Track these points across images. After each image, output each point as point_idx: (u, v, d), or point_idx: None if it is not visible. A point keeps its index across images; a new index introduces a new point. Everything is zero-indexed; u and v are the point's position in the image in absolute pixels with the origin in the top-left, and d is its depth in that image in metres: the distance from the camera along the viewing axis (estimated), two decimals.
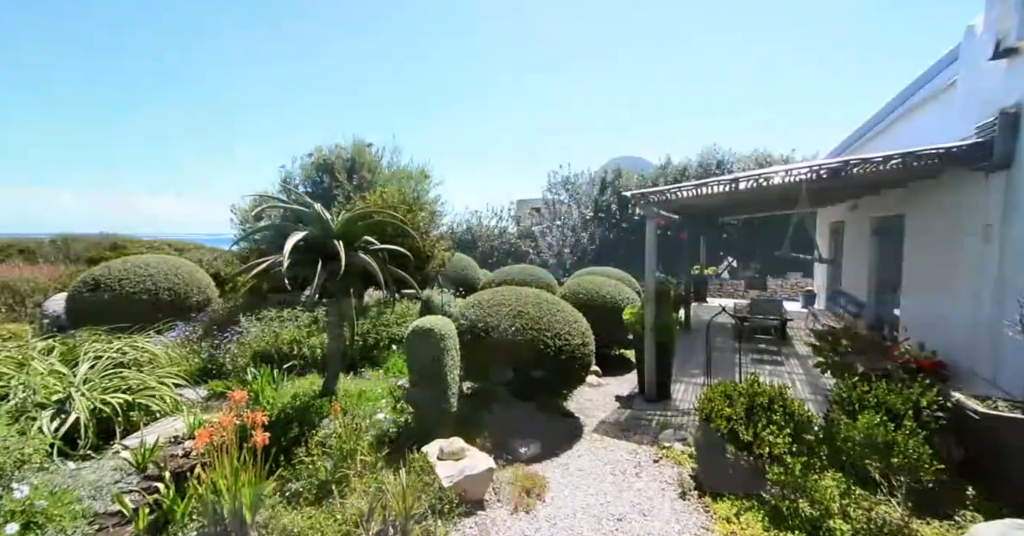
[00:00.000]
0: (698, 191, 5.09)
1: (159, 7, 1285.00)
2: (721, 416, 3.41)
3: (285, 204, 4.72)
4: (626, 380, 6.27)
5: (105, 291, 7.05)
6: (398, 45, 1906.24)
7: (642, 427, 4.64)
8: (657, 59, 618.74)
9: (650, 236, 5.39)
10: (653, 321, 5.23)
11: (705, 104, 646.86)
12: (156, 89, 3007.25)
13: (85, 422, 3.62)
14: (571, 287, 7.20)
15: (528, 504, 3.24)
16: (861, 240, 8.42)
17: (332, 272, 3.85)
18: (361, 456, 3.38)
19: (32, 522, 2.63)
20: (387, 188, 8.02)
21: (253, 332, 5.82)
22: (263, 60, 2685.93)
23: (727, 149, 14.54)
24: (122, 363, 4.61)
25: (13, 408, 3.49)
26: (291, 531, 2.74)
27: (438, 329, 3.83)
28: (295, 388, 4.41)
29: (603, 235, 14.04)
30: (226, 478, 2.66)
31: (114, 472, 3.33)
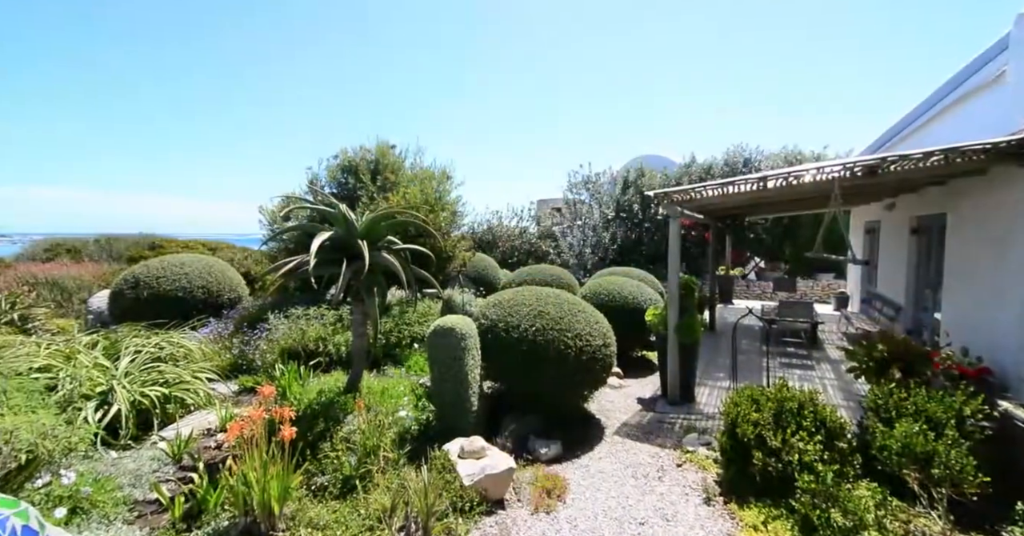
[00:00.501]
0: (724, 190, 4.97)
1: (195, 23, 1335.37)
2: (748, 421, 3.32)
3: (311, 205, 4.85)
4: (648, 382, 6.17)
5: (144, 289, 7.39)
6: (417, 45, 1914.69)
7: (665, 430, 4.56)
8: (683, 55, 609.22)
9: (673, 236, 5.30)
10: (676, 322, 5.14)
11: (732, 102, 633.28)
12: (185, 96, 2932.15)
13: (126, 413, 3.80)
14: (592, 287, 7.14)
15: (548, 505, 3.23)
16: (899, 240, 8.05)
17: (356, 271, 3.93)
18: (384, 452, 3.44)
19: (78, 507, 2.78)
20: (410, 189, 8.12)
21: (281, 329, 6.00)
22: (292, 61, 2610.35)
23: (754, 147, 14.12)
24: (159, 357, 4.83)
25: (61, 398, 3.69)
26: (317, 524, 2.81)
27: (459, 328, 3.86)
28: (320, 384, 4.52)
29: (625, 235, 13.85)
30: (256, 470, 2.75)
31: (152, 462, 3.50)
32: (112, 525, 2.77)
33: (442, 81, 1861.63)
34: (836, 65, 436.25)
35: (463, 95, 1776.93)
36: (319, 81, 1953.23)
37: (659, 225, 13.79)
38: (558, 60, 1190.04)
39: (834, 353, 7.23)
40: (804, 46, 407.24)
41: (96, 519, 2.80)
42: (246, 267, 10.86)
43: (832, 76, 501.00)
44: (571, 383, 4.23)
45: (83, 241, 14.92)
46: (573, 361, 4.21)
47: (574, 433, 4.44)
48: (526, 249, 15.52)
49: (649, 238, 13.91)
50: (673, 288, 5.18)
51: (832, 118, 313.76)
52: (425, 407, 4.23)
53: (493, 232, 15.64)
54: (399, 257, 4.38)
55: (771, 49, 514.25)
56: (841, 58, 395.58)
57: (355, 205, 8.14)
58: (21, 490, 2.76)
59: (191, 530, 2.85)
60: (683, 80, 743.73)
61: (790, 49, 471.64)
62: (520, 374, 4.20)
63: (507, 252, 15.36)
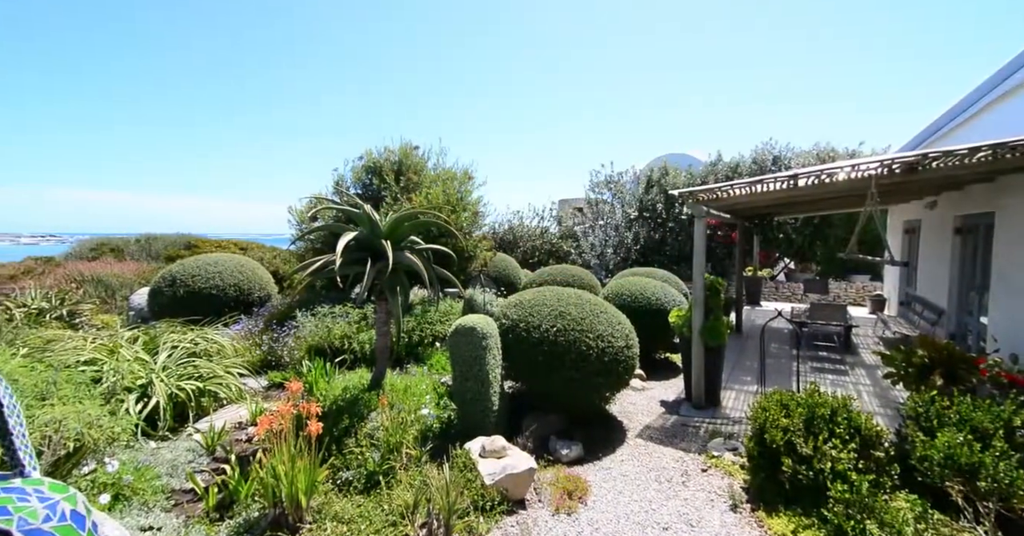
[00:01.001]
0: (752, 189, 4.84)
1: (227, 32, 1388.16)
2: (777, 426, 3.22)
3: (337, 206, 4.96)
4: (672, 385, 6.06)
5: (180, 286, 7.72)
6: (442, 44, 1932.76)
7: (689, 434, 4.47)
8: (710, 49, 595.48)
9: (699, 236, 5.18)
10: (701, 324, 5.02)
11: (760, 98, 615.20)
12: (216, 98, 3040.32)
13: (164, 406, 3.98)
14: (614, 288, 7.06)
15: (570, 506, 3.21)
16: (941, 240, 7.65)
17: (380, 271, 4.00)
18: (406, 449, 3.49)
19: (120, 494, 2.92)
20: (432, 189, 8.22)
21: (308, 327, 6.16)
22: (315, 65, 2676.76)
23: (784, 144, 13.65)
24: (194, 353, 5.03)
25: (105, 390, 3.89)
26: (343, 518, 2.88)
27: (480, 328, 3.88)
28: (345, 381, 4.62)
29: (648, 235, 13.62)
30: (284, 464, 2.83)
31: (188, 453, 3.65)
32: (151, 512, 2.91)
33: (464, 82, 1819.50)
34: (867, 62, 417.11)
35: (485, 95, 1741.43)
36: (345, 82, 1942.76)
37: (683, 225, 13.51)
38: (581, 60, 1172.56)
39: (870, 358, 6.94)
40: (835, 42, 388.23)
41: (137, 506, 2.94)
42: (275, 266, 11.21)
43: (865, 73, 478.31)
44: (592, 384, 4.19)
45: (125, 240, 15.71)
46: (595, 362, 4.17)
47: (595, 435, 4.40)
48: (547, 249, 15.46)
49: (673, 238, 13.64)
50: (698, 289, 5.07)
51: (867, 117, 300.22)
52: (447, 405, 4.27)
53: (514, 232, 15.64)
54: (421, 257, 4.43)
55: (801, 46, 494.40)
56: (872, 55, 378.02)
57: (379, 206, 8.29)
58: (69, 476, 2.92)
59: (224, 520, 2.95)
60: (709, 78, 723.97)
61: (820, 45, 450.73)
62: (541, 374, 4.19)
63: (528, 252, 15.33)
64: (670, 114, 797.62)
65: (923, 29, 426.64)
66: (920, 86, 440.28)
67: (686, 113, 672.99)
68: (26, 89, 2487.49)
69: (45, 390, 3.36)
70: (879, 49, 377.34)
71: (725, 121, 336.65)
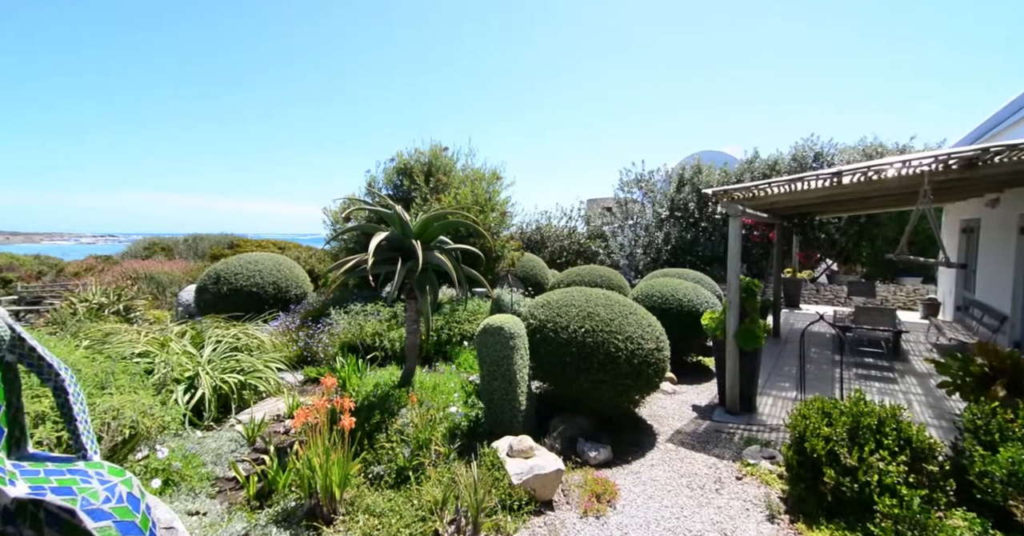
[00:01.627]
0: (791, 187, 4.64)
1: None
2: (818, 435, 3.07)
3: (370, 206, 5.09)
4: (704, 389, 5.89)
5: (224, 284, 8.12)
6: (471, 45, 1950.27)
7: (723, 440, 4.33)
8: (748, 43, 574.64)
9: (733, 236, 5.01)
10: (736, 327, 4.86)
11: (800, 94, 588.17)
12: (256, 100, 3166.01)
13: (209, 397, 4.19)
14: (644, 289, 6.92)
15: (598, 510, 3.17)
16: (1004, 241, 7.09)
17: (410, 270, 4.07)
18: (435, 446, 3.55)
19: (170, 480, 3.10)
20: (461, 190, 8.30)
21: (341, 324, 6.35)
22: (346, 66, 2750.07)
23: (827, 140, 12.99)
24: (236, 347, 5.28)
25: (157, 381, 4.14)
26: (374, 511, 2.95)
27: (508, 328, 3.89)
28: (376, 378, 4.73)
29: (679, 235, 13.28)
30: (319, 456, 2.93)
31: (230, 443, 3.83)
32: (197, 498, 3.07)
33: (494, 82, 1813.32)
34: (920, 53, 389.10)
35: (514, 95, 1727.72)
36: (377, 84, 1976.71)
37: (717, 224, 13.10)
38: (612, 59, 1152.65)
39: (921, 366, 6.52)
40: (886, 32, 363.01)
41: (184, 491, 3.11)
42: (311, 265, 11.63)
43: (917, 65, 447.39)
44: (621, 387, 4.13)
45: (175, 240, 16.70)
46: (624, 364, 4.10)
47: (624, 438, 4.33)
48: (575, 249, 15.34)
49: (706, 238, 13.24)
50: (733, 291, 4.90)
51: (919, 111, 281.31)
52: (475, 404, 4.31)
53: (542, 232, 15.60)
54: (450, 257, 4.48)
55: (847, 39, 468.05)
56: (925, 47, 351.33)
57: (410, 206, 8.45)
58: (125, 461, 3.13)
59: (263, 508, 3.09)
60: (746, 73, 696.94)
61: (868, 38, 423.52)
62: (568, 376, 4.16)
63: (556, 252, 15.26)
64: (704, 112, 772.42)
65: (982, 18, 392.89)
66: (978, 79, 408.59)
67: (721, 110, 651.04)
68: (82, 92, 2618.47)
69: (104, 380, 3.61)
70: (932, 41, 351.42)
71: (762, 118, 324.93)
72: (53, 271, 13.50)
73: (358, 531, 2.79)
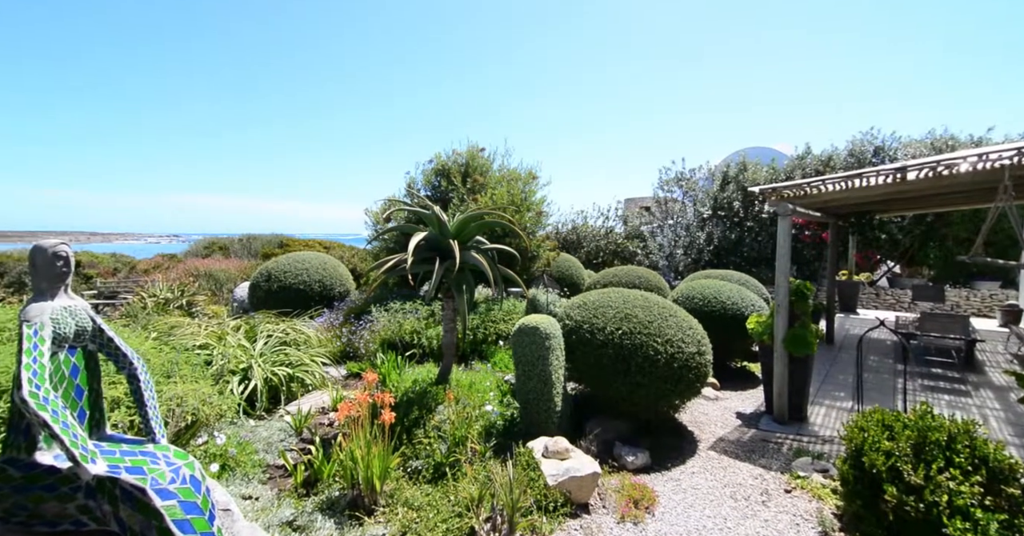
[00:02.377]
0: (849, 184, 4.35)
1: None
2: (878, 450, 2.86)
3: (409, 207, 5.23)
4: (749, 396, 5.63)
5: (274, 282, 8.58)
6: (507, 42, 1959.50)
7: (770, 451, 4.12)
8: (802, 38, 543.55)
9: (783, 236, 4.76)
10: (785, 332, 4.61)
11: (856, 88, 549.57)
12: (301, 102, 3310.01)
13: (260, 388, 4.44)
14: (685, 291, 6.70)
15: (636, 516, 3.10)
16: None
17: (448, 269, 4.15)
18: (471, 444, 3.59)
19: (226, 465, 3.31)
20: (497, 190, 8.37)
21: (381, 322, 6.56)
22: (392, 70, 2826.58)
23: (888, 133, 12.07)
24: (285, 342, 5.57)
25: (215, 372, 4.43)
26: (412, 504, 3.02)
27: (543, 328, 3.88)
28: (415, 374, 4.85)
29: (723, 235, 12.75)
30: (361, 449, 3.04)
31: (279, 432, 4.04)
32: (251, 483, 3.27)
33: (532, 81, 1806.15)
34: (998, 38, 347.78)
35: (553, 94, 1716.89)
36: (418, 87, 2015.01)
37: (764, 224, 12.48)
38: (654, 55, 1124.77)
39: (1000, 378, 5.94)
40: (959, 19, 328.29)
41: (239, 476, 3.31)
42: (353, 264, 12.08)
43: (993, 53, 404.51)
44: (660, 391, 4.02)
45: (231, 240, 17.83)
46: (663, 368, 3.99)
47: (664, 443, 4.21)
48: (612, 249, 15.08)
49: (751, 238, 12.65)
50: (781, 294, 4.66)
51: (997, 103, 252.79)
52: (510, 404, 4.33)
53: (578, 232, 15.45)
54: (486, 256, 4.52)
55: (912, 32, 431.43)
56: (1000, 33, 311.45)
57: (447, 207, 8.60)
58: (187, 445, 3.37)
59: (309, 495, 3.24)
60: (798, 66, 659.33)
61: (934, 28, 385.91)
62: (605, 378, 4.10)
63: (592, 252, 15.06)
64: (752, 108, 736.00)
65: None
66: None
67: (770, 106, 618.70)
68: (144, 95, 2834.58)
69: (170, 369, 3.91)
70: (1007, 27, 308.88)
71: (815, 114, 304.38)
72: (126, 268, 14.76)
73: (397, 523, 2.87)
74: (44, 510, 1.89)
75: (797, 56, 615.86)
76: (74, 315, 2.08)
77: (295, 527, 2.85)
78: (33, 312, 1.92)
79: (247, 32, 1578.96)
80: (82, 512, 1.91)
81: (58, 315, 2.00)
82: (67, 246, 2.10)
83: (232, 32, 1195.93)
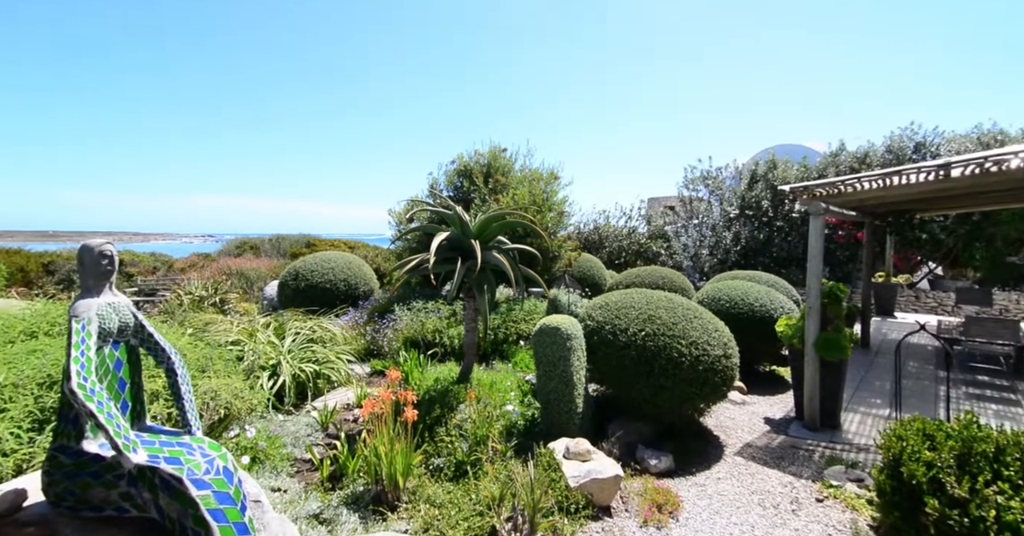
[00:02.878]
0: (887, 182, 4.17)
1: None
2: (918, 460, 2.72)
3: (431, 208, 5.28)
4: (778, 401, 5.46)
5: (302, 281, 8.82)
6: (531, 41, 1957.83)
7: (800, 458, 3.99)
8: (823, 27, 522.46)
9: (815, 236, 4.59)
10: (817, 335, 4.45)
11: (894, 83, 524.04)
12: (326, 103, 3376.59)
13: (289, 384, 4.58)
14: (710, 292, 6.55)
15: (660, 520, 3.05)
16: None
17: (469, 269, 4.17)
18: (492, 443, 3.60)
19: (256, 457, 3.42)
20: (518, 190, 8.37)
21: (404, 320, 6.66)
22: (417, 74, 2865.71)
23: (930, 128, 11.47)
24: (312, 339, 5.72)
25: (246, 367, 4.59)
26: (434, 501, 3.06)
27: (565, 328, 3.86)
28: (436, 373, 4.90)
29: (750, 235, 12.37)
30: (384, 445, 3.09)
31: (306, 427, 4.15)
32: (279, 476, 3.37)
33: (554, 81, 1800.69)
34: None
35: (575, 92, 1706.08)
36: (441, 87, 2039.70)
37: (794, 224, 12.07)
38: (679, 53, 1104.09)
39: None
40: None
41: (268, 469, 3.42)
42: (377, 263, 12.31)
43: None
44: (684, 394, 3.94)
45: (261, 240, 18.45)
46: (687, 370, 3.91)
47: (688, 447, 4.12)
48: (634, 250, 14.86)
49: (781, 238, 12.25)
50: (813, 296, 4.49)
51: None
52: (531, 404, 4.32)
53: (600, 232, 15.29)
54: (508, 256, 4.53)
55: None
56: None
57: (469, 207, 8.65)
58: (220, 438, 3.50)
59: (335, 490, 3.31)
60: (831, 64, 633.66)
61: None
62: (627, 380, 4.04)
63: (614, 252, 14.89)
64: (782, 106, 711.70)
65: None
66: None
67: (801, 103, 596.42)
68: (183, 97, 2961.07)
69: (204, 364, 4.07)
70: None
71: (849, 110, 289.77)
72: (164, 267, 15.47)
73: (420, 520, 2.91)
74: (91, 496, 2.00)
75: (834, 55, 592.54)
76: (118, 311, 2.19)
77: (321, 520, 2.93)
78: (81, 308, 2.03)
79: (273, 34, 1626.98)
80: (124, 499, 2.01)
81: (103, 311, 2.11)
82: (112, 245, 2.21)
83: (259, 32, 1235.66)
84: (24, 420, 2.70)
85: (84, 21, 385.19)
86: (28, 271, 13.08)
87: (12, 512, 1.97)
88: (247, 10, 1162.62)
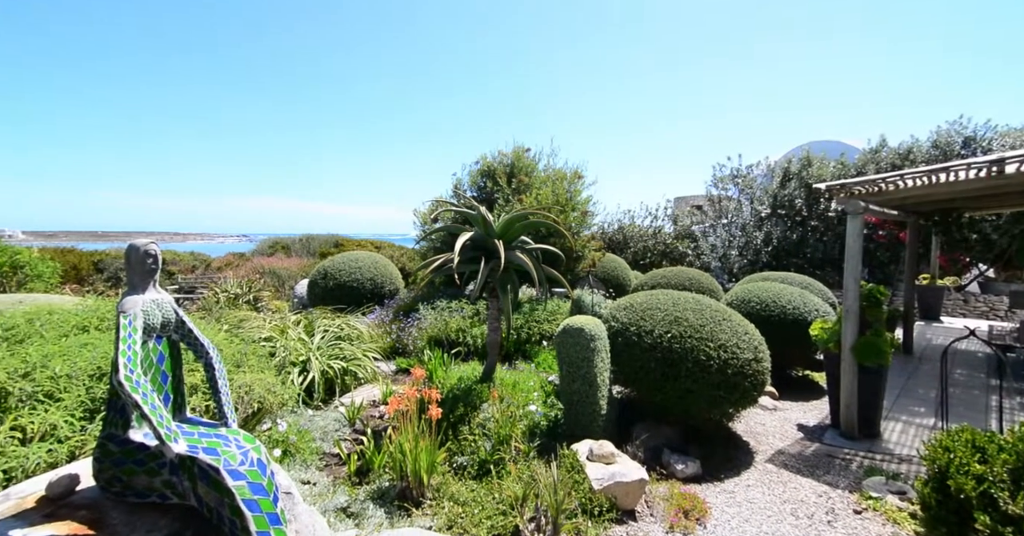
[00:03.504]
0: (933, 179, 3.95)
1: None
2: (966, 473, 2.57)
3: (456, 208, 5.34)
4: (812, 407, 5.25)
5: (330, 279, 9.06)
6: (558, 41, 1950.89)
7: (836, 467, 3.82)
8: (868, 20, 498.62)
9: (853, 236, 4.39)
10: (854, 340, 4.25)
11: (944, 76, 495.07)
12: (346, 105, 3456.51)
13: (318, 380, 4.71)
14: (740, 294, 6.36)
15: (686, 526, 2.98)
16: None
17: (493, 269, 4.19)
18: (515, 443, 3.61)
19: (287, 450, 3.53)
20: (542, 190, 8.35)
21: (428, 319, 6.74)
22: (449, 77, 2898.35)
23: (981, 122, 10.77)
24: (340, 336, 5.86)
25: (278, 363, 4.75)
26: (458, 499, 3.09)
27: (588, 329, 3.82)
28: (460, 372, 4.94)
29: (783, 235, 11.93)
30: (409, 442, 3.14)
31: (334, 422, 4.26)
32: (309, 469, 3.47)
33: (579, 79, 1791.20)
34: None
35: (600, 92, 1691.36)
36: (463, 87, 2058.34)
37: (830, 223, 11.57)
38: (709, 53, 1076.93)
39: None
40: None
41: (298, 462, 3.53)
42: (402, 263, 12.53)
43: None
44: (712, 398, 3.84)
45: (292, 240, 19.07)
46: (715, 374, 3.81)
47: (716, 453, 4.02)
48: (660, 250, 14.59)
49: (816, 239, 11.77)
50: (850, 299, 4.30)
51: None
52: (554, 404, 4.30)
53: (624, 232, 15.09)
54: (531, 256, 4.52)
55: None
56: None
57: (492, 207, 8.68)
58: (253, 431, 3.64)
59: (362, 484, 3.39)
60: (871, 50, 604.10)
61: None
62: (653, 383, 3.97)
63: (639, 253, 14.65)
64: (819, 99, 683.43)
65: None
66: None
67: (839, 98, 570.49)
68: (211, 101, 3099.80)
69: (239, 360, 4.23)
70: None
71: (891, 107, 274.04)
72: (203, 265, 16.19)
73: (444, 517, 2.94)
74: (135, 483, 2.11)
75: (863, 53, 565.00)
76: (161, 307, 2.30)
77: (349, 513, 3.00)
78: (128, 304, 2.15)
79: (298, 35, 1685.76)
80: (166, 487, 2.11)
81: (148, 307, 2.22)
82: (156, 245, 2.33)
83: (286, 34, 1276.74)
84: (77, 409, 2.87)
85: (119, 28, 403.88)
86: (80, 269, 13.95)
87: (66, 495, 2.10)
88: (262, 13, 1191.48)
